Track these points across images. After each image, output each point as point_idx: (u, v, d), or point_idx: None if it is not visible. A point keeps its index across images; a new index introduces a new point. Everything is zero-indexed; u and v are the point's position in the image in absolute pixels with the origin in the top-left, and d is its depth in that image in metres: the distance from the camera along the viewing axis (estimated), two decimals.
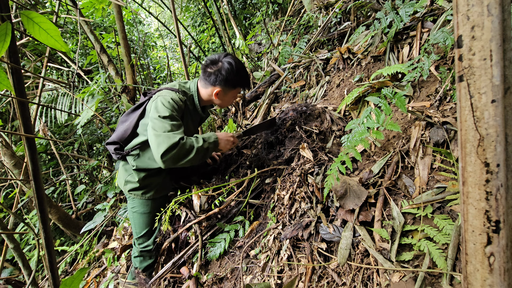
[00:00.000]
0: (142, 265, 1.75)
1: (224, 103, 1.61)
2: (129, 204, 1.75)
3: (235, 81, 1.51)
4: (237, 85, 1.55)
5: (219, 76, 1.48)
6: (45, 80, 3.29)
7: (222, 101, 1.58)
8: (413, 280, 1.01)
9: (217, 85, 1.51)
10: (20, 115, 0.88)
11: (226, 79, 1.48)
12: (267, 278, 1.38)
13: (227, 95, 1.57)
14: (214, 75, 1.49)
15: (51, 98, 3.62)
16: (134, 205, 1.72)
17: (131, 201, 1.73)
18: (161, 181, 1.73)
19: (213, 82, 1.51)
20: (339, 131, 1.82)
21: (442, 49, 1.60)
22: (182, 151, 1.32)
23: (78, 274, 0.57)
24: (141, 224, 1.73)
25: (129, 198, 1.74)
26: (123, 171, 1.72)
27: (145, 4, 8.55)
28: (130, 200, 1.73)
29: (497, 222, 0.60)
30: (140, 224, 1.73)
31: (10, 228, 2.59)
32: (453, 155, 1.20)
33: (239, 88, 1.59)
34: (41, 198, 0.93)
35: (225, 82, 1.49)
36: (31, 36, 0.84)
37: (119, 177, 1.77)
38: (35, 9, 3.58)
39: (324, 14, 3.17)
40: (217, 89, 1.51)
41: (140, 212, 1.71)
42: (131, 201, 1.73)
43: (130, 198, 1.73)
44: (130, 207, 1.74)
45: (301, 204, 1.49)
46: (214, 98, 1.55)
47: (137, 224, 1.74)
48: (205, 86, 1.56)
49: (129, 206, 1.75)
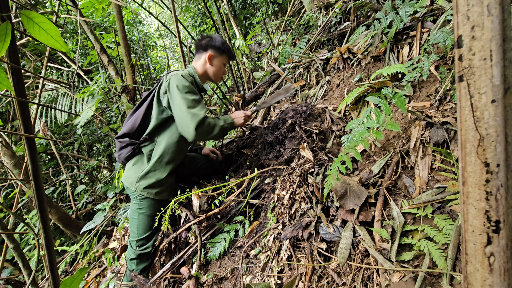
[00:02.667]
0: (138, 267, 1.71)
1: (215, 71, 1.79)
2: (135, 205, 1.69)
3: (223, 48, 1.77)
4: (224, 52, 1.78)
5: (211, 41, 1.75)
6: (45, 80, 3.29)
7: (214, 67, 1.78)
8: (413, 280, 1.01)
9: (209, 49, 1.75)
10: (20, 115, 0.88)
11: (216, 44, 1.75)
12: (267, 278, 1.38)
13: (218, 59, 1.78)
14: (206, 42, 1.76)
15: (51, 98, 3.62)
16: (142, 206, 1.67)
17: (138, 202, 1.68)
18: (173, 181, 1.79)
19: (205, 47, 1.75)
20: (339, 131, 1.82)
21: (442, 49, 1.60)
22: (208, 128, 1.55)
23: (78, 274, 0.57)
24: (145, 226, 1.69)
25: (137, 198, 1.68)
26: (136, 168, 1.68)
27: (145, 4, 8.55)
28: (138, 201, 1.68)
29: (497, 222, 0.60)
30: (145, 226, 1.69)
31: (10, 228, 2.59)
32: (453, 155, 1.20)
33: (226, 56, 1.80)
34: (41, 198, 0.93)
35: (215, 46, 1.75)
36: (31, 36, 0.84)
37: (128, 175, 1.70)
38: (35, 9, 3.58)
39: (324, 14, 3.17)
40: (209, 53, 1.74)
41: (147, 214, 1.68)
42: (138, 202, 1.68)
43: (138, 198, 1.68)
44: (137, 208, 1.68)
45: (301, 204, 1.49)
46: (208, 65, 1.76)
47: (140, 226, 1.69)
48: (199, 58, 1.78)
49: (135, 207, 1.69)
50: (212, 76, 1.81)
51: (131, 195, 1.70)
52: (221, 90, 3.40)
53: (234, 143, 2.36)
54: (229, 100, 3.53)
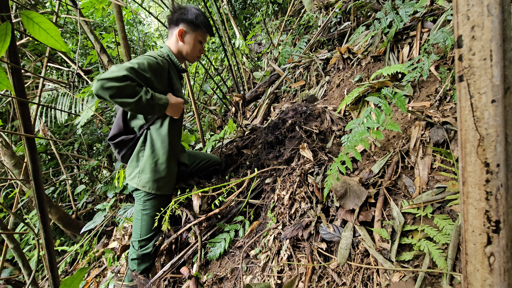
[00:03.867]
0: (139, 267, 1.70)
1: (189, 50, 1.59)
2: (139, 206, 1.67)
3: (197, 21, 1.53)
4: (199, 27, 1.55)
5: (182, 15, 1.52)
6: (45, 80, 3.29)
7: (187, 45, 1.57)
8: (413, 280, 1.01)
9: (180, 24, 1.53)
10: (20, 115, 0.88)
11: (188, 18, 1.52)
12: (267, 278, 1.38)
13: (191, 36, 1.56)
14: (178, 15, 1.53)
15: (51, 98, 3.62)
16: (146, 207, 1.66)
17: (142, 203, 1.66)
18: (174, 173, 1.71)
19: (176, 22, 1.54)
20: (339, 131, 1.82)
21: (442, 49, 1.60)
22: (124, 90, 1.29)
23: (78, 274, 0.57)
24: (148, 227, 1.67)
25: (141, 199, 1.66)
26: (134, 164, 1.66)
27: (145, 4, 8.55)
28: (142, 202, 1.66)
29: (497, 222, 0.60)
30: (148, 227, 1.67)
31: (10, 228, 2.59)
32: (453, 155, 1.20)
33: (201, 31, 1.58)
34: (41, 198, 0.93)
35: (187, 20, 1.52)
36: (31, 36, 0.84)
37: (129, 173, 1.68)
38: (35, 9, 3.58)
39: (324, 14, 3.17)
40: (180, 28, 1.53)
41: (151, 215, 1.66)
42: (142, 203, 1.66)
43: (142, 200, 1.66)
44: (140, 209, 1.67)
45: (301, 204, 1.49)
46: (179, 42, 1.56)
47: (144, 227, 1.68)
48: (171, 34, 1.58)
49: (138, 208, 1.67)
50: (185, 56, 1.62)
51: (136, 196, 1.68)
52: (221, 90, 3.40)
53: (234, 143, 2.36)
54: (229, 100, 3.52)
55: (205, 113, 4.08)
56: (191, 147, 3.26)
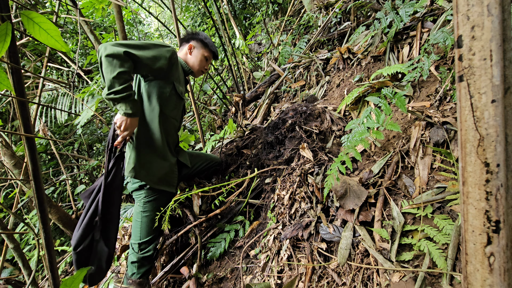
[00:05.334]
0: (139, 271, 1.65)
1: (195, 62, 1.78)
2: (139, 207, 1.65)
3: (206, 41, 1.79)
4: (207, 46, 1.79)
5: (194, 35, 1.79)
6: (45, 80, 3.29)
7: (193, 57, 1.78)
8: (413, 280, 1.01)
9: (191, 41, 1.79)
10: (20, 115, 0.88)
11: (199, 37, 1.79)
12: (267, 278, 1.38)
13: (198, 51, 1.78)
14: (190, 36, 1.80)
15: (51, 98, 3.62)
16: (146, 209, 1.64)
17: (142, 204, 1.64)
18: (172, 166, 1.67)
19: (187, 40, 1.79)
20: (339, 131, 1.82)
21: (442, 49, 1.60)
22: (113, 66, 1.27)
23: (78, 274, 0.56)
24: (148, 229, 1.64)
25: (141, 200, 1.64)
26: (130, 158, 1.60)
27: (145, 4, 8.55)
28: (142, 202, 1.64)
29: (497, 222, 0.60)
30: (148, 229, 1.64)
31: (10, 228, 2.59)
32: (453, 155, 1.20)
33: (208, 50, 1.79)
34: (41, 198, 0.93)
35: (198, 38, 1.78)
36: (31, 36, 0.84)
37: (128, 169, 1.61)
38: (35, 9, 3.58)
39: (324, 14, 3.17)
40: (191, 43, 1.77)
41: (151, 217, 1.63)
42: (142, 203, 1.64)
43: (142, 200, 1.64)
44: (140, 210, 1.64)
45: (301, 204, 1.49)
46: (188, 55, 1.78)
47: (143, 229, 1.64)
48: (182, 49, 1.82)
49: (138, 209, 1.65)
50: (191, 67, 1.78)
51: (136, 197, 1.66)
52: (221, 90, 3.40)
53: (234, 143, 2.36)
54: (229, 100, 3.52)
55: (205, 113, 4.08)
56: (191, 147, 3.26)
